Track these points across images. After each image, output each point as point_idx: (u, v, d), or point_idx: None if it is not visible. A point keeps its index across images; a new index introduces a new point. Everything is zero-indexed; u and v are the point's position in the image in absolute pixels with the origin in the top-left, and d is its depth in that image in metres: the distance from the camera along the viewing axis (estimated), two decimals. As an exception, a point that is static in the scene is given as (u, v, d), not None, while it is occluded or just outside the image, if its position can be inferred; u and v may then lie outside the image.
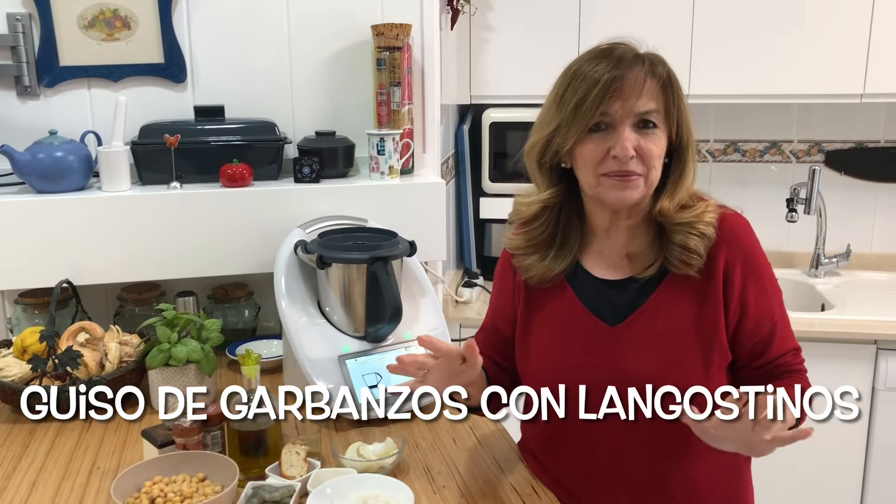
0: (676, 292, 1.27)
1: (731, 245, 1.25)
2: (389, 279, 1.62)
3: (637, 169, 1.21)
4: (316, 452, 1.39)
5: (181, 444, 1.35)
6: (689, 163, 1.27)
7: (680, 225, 1.25)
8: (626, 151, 1.19)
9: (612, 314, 1.30)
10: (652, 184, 1.24)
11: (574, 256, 1.34)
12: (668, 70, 1.23)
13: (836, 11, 2.51)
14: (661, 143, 1.23)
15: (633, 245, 1.31)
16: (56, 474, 1.39)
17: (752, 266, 1.26)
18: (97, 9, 1.93)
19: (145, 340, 1.72)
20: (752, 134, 2.93)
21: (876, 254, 2.94)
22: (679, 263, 1.25)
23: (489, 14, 2.64)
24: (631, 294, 1.29)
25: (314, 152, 1.94)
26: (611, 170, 1.22)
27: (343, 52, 2.04)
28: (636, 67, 1.21)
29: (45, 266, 1.81)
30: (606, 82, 1.19)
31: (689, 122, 1.26)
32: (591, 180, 1.25)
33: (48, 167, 1.81)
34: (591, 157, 1.23)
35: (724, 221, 1.27)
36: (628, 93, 1.19)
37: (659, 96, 1.22)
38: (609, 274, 1.32)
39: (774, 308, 1.28)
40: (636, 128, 1.21)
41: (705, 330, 1.25)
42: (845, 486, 2.47)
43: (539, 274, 1.34)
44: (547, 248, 1.34)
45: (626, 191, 1.22)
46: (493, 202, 2.78)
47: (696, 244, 1.24)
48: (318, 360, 1.59)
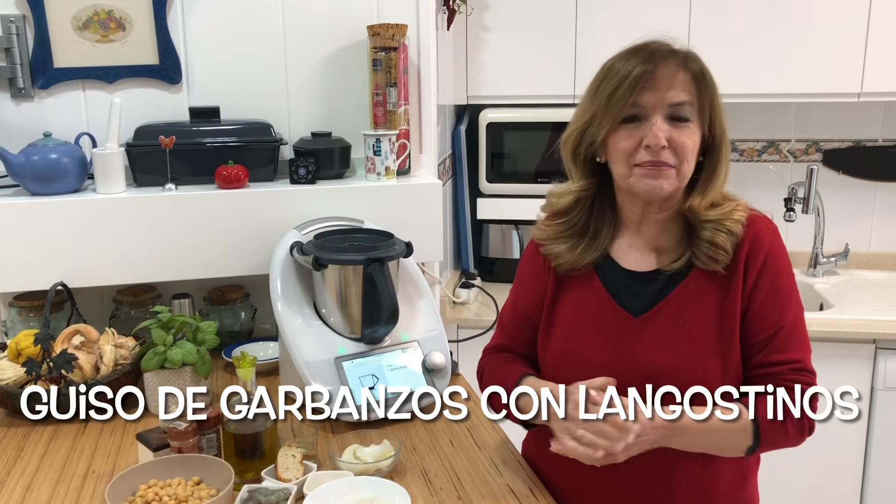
0: (701, 287, 1.28)
1: (754, 245, 1.26)
2: (386, 280, 1.61)
3: (669, 160, 1.23)
4: (312, 455, 1.39)
5: (176, 448, 1.34)
6: (722, 161, 1.28)
7: (709, 222, 1.26)
8: (658, 140, 1.21)
9: (635, 305, 1.31)
10: (684, 177, 1.25)
11: (605, 248, 1.36)
12: (702, 65, 1.26)
13: (834, 11, 2.50)
14: (695, 138, 1.24)
15: (663, 239, 1.32)
16: (50, 478, 1.38)
17: (769, 267, 1.26)
18: (91, 10, 1.92)
19: (141, 343, 1.71)
20: (750, 133, 2.93)
21: (874, 253, 2.94)
22: (706, 259, 1.26)
23: (485, 14, 2.63)
24: (656, 286, 1.30)
25: (310, 153, 1.94)
26: (643, 160, 1.23)
27: (339, 52, 2.03)
28: (669, 60, 1.23)
29: (40, 268, 1.80)
30: (638, 74, 1.22)
31: (724, 120, 1.28)
32: (624, 170, 1.27)
33: (42, 169, 1.80)
34: (624, 148, 1.25)
35: (753, 222, 1.28)
36: (660, 84, 1.22)
37: (691, 89, 1.24)
38: (637, 266, 1.33)
39: (785, 315, 1.26)
40: (669, 120, 1.23)
41: (726, 326, 1.26)
42: (844, 486, 2.46)
43: (569, 262, 1.36)
44: (579, 238, 1.36)
45: (659, 180, 1.24)
46: (490, 203, 2.78)
47: (724, 241, 1.25)
48: (314, 362, 1.59)
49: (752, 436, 1.20)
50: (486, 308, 2.62)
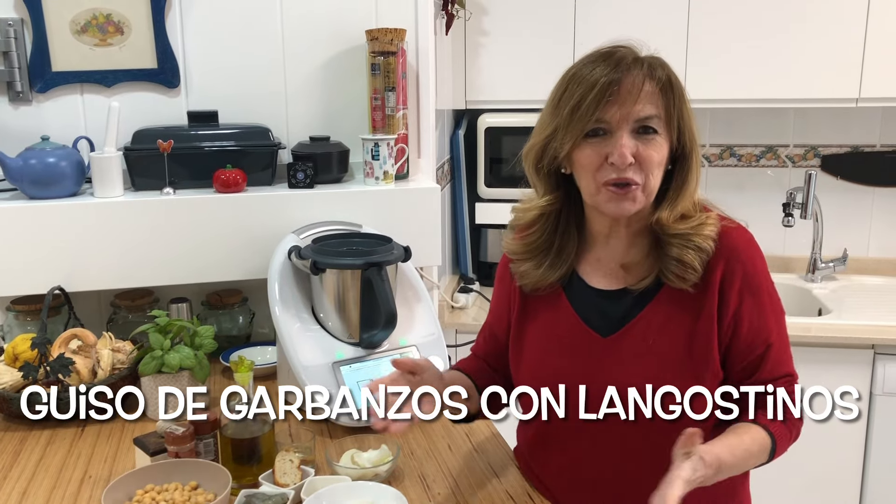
0: (670, 306, 1.24)
1: (729, 260, 1.22)
2: (384, 285, 1.60)
3: (635, 177, 1.17)
4: (310, 460, 1.38)
5: (173, 452, 1.33)
6: (691, 171, 1.23)
7: (676, 237, 1.21)
8: (624, 159, 1.15)
9: (604, 325, 1.27)
10: (651, 192, 1.20)
11: (570, 266, 1.31)
12: (669, 73, 1.19)
13: (832, 16, 2.51)
14: (662, 150, 1.19)
15: (630, 255, 1.28)
16: (47, 483, 1.38)
17: (750, 283, 1.22)
18: (90, 14, 1.92)
19: (138, 347, 1.71)
20: (749, 139, 2.93)
21: (872, 258, 2.93)
22: (674, 277, 1.22)
23: (484, 19, 2.63)
24: (624, 305, 1.26)
25: (308, 157, 1.93)
26: (609, 178, 1.18)
27: (337, 56, 2.03)
28: (634, 70, 1.17)
29: (38, 273, 1.79)
30: (603, 86, 1.15)
31: (693, 128, 1.22)
32: (591, 187, 1.21)
33: (40, 173, 1.80)
34: (589, 164, 1.19)
35: (726, 235, 1.23)
36: (625, 97, 1.15)
37: (658, 101, 1.17)
38: (605, 284, 1.29)
39: (772, 329, 1.23)
40: (635, 134, 1.17)
41: (698, 347, 1.22)
42: (843, 492, 2.46)
43: (533, 282, 1.32)
44: (543, 255, 1.31)
45: (624, 203, 1.19)
46: (488, 207, 2.78)
47: (692, 258, 1.20)
48: (312, 366, 1.58)
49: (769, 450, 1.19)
50: (485, 313, 2.59)
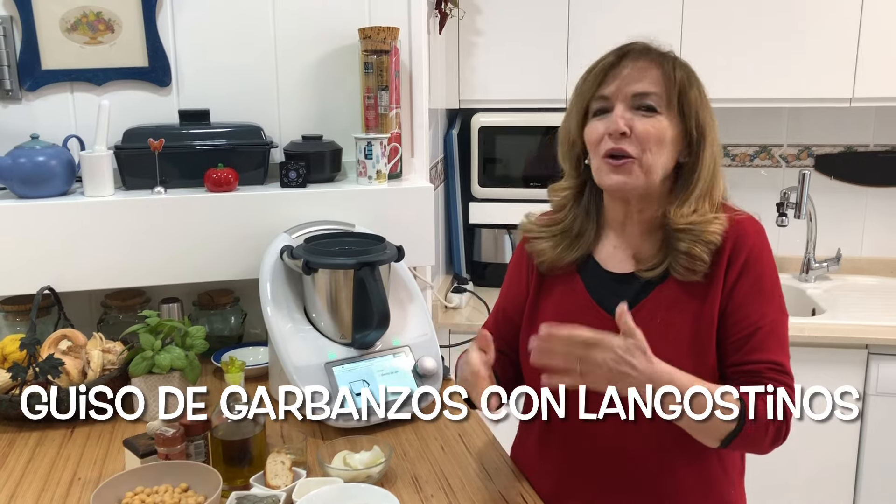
0: (679, 289, 1.26)
1: (736, 245, 1.24)
2: (377, 285, 1.59)
3: (629, 149, 1.22)
4: (301, 461, 1.37)
5: (163, 454, 1.32)
6: (702, 167, 1.25)
7: (684, 232, 1.24)
8: (618, 126, 1.21)
9: (615, 306, 1.28)
10: (649, 168, 1.23)
11: (588, 249, 1.36)
12: (677, 63, 1.26)
13: (826, 16, 2.51)
14: (661, 127, 1.23)
15: (644, 248, 1.31)
16: (35, 486, 1.36)
17: (751, 266, 1.24)
18: (80, 11, 1.90)
19: (129, 348, 1.70)
20: (742, 138, 2.93)
21: (866, 258, 2.94)
22: (683, 270, 1.25)
23: (478, 18, 2.63)
24: (635, 288, 1.30)
25: (301, 156, 1.92)
26: (606, 148, 1.24)
27: (330, 55, 2.02)
28: (642, 57, 1.25)
29: (27, 272, 1.78)
30: (606, 65, 1.25)
31: (707, 122, 1.26)
32: (595, 164, 1.28)
33: (30, 172, 1.78)
34: (592, 140, 1.26)
35: (736, 225, 1.25)
36: (628, 77, 1.23)
37: (660, 83, 1.23)
38: (618, 268, 1.33)
39: (765, 314, 1.24)
40: (634, 109, 1.23)
41: (703, 328, 1.24)
42: (837, 492, 2.46)
43: (550, 260, 1.36)
44: (562, 237, 1.36)
45: (619, 174, 1.24)
46: (482, 207, 2.78)
47: (701, 252, 1.23)
48: (304, 367, 1.57)
49: (736, 419, 1.14)
50: (478, 313, 2.61)
